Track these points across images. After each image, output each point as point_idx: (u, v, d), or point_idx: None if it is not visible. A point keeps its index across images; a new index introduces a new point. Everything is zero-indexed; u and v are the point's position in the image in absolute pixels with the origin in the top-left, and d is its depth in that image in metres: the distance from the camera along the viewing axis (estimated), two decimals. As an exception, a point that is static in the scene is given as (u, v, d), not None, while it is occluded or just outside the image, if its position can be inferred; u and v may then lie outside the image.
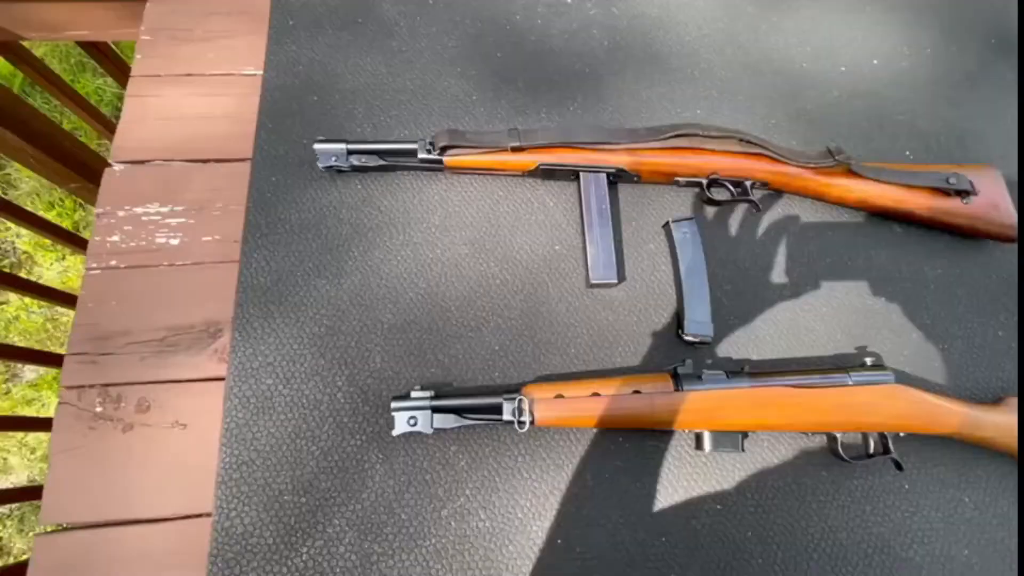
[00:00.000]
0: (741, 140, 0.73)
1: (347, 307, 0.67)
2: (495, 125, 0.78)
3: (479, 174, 0.75)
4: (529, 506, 0.61)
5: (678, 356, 0.67)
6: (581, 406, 0.60)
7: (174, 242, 0.71)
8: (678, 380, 0.61)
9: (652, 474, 0.63)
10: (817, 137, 0.82)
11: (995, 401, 0.65)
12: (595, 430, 0.64)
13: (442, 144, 0.69)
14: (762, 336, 0.70)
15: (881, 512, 0.63)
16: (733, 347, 0.69)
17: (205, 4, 0.87)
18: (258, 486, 0.59)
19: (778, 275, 0.74)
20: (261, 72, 0.80)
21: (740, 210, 0.77)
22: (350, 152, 0.70)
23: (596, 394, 0.60)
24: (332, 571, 0.57)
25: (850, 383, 0.61)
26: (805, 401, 0.61)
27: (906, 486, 0.64)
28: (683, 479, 0.63)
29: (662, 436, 0.64)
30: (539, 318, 0.68)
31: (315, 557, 0.57)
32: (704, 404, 0.60)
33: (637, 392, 0.60)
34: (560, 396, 0.60)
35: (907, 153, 0.83)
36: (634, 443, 0.64)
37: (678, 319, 0.69)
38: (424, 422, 0.60)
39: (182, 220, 0.72)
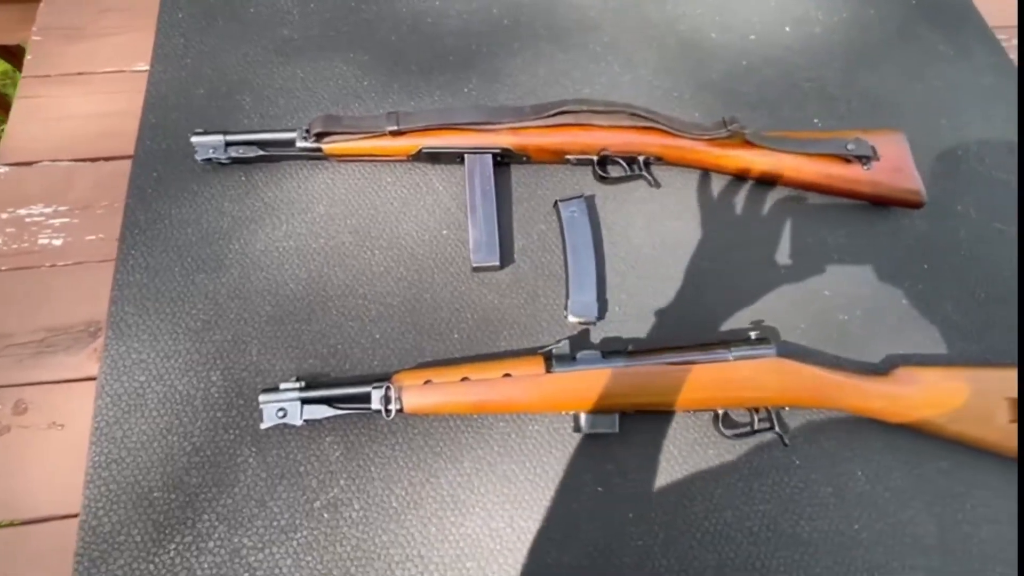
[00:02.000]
0: (631, 114, 0.71)
1: (225, 300, 0.66)
2: (385, 110, 0.76)
3: (364, 161, 0.73)
4: (404, 495, 0.60)
5: (565, 338, 0.66)
6: (451, 392, 0.59)
7: (57, 243, 0.70)
8: (551, 362, 0.60)
9: (532, 458, 0.61)
10: (722, 109, 0.80)
11: (886, 372, 0.63)
12: (476, 416, 0.63)
13: (317, 131, 0.67)
14: (656, 314, 0.68)
15: (769, 489, 0.62)
16: (625, 326, 0.68)
17: (99, 2, 0.86)
18: (127, 484, 0.59)
19: (674, 251, 0.72)
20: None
21: (637, 187, 0.75)
22: (228, 144, 0.69)
23: (466, 379, 0.59)
24: (200, 566, 0.56)
25: (731, 358, 0.60)
26: (682, 379, 0.59)
27: (797, 461, 0.63)
28: (563, 462, 0.61)
29: (542, 419, 0.63)
30: (423, 304, 0.67)
31: (183, 553, 0.56)
32: (574, 385, 0.58)
33: (508, 375, 0.59)
34: (429, 382, 0.59)
35: (815, 121, 0.80)
36: (515, 427, 0.62)
37: (567, 300, 0.67)
38: (294, 414, 0.59)
39: (66, 220, 0.72)
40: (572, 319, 0.66)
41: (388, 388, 0.58)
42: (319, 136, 0.68)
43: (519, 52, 0.82)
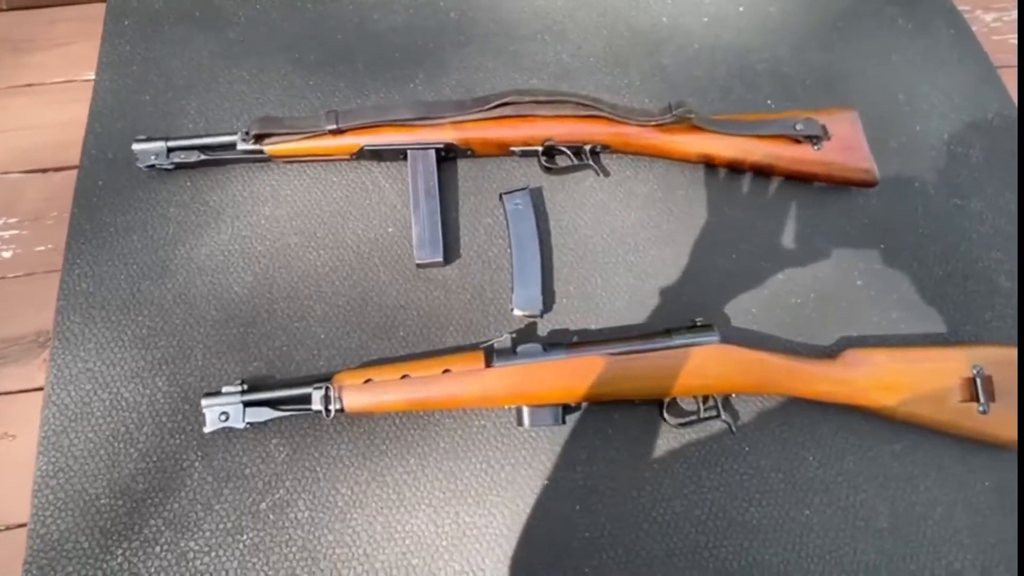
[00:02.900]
0: (575, 103, 0.70)
1: (171, 306, 0.66)
2: (328, 109, 0.75)
3: (309, 162, 0.73)
4: (350, 494, 0.60)
5: (510, 332, 0.65)
6: (391, 390, 0.58)
7: (7, 255, 0.71)
8: (492, 356, 0.59)
9: (477, 453, 0.61)
10: (674, 94, 0.79)
11: (833, 355, 0.61)
12: (422, 413, 0.63)
13: (256, 132, 0.67)
14: (604, 305, 0.68)
15: (718, 476, 0.61)
16: (573, 318, 0.67)
17: (51, 13, 0.86)
18: (75, 492, 0.59)
19: (623, 241, 0.71)
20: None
21: (586, 176, 0.74)
22: (171, 150, 0.69)
23: (406, 376, 0.59)
24: (147, 571, 0.56)
25: (673, 346, 0.59)
26: (623, 369, 0.58)
27: (746, 448, 0.62)
28: (509, 456, 0.61)
29: (488, 414, 0.63)
30: (368, 303, 0.67)
31: (130, 558, 0.57)
32: (514, 379, 0.58)
33: (447, 371, 0.59)
34: (370, 381, 0.59)
35: (769, 102, 0.79)
36: (460, 423, 0.62)
37: (512, 294, 0.67)
38: (236, 417, 0.58)
39: (16, 232, 0.72)
40: (517, 313, 0.65)
41: (328, 388, 0.58)
42: (258, 138, 0.68)
43: (466, 44, 0.81)
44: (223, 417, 0.59)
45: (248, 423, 0.59)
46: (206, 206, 0.71)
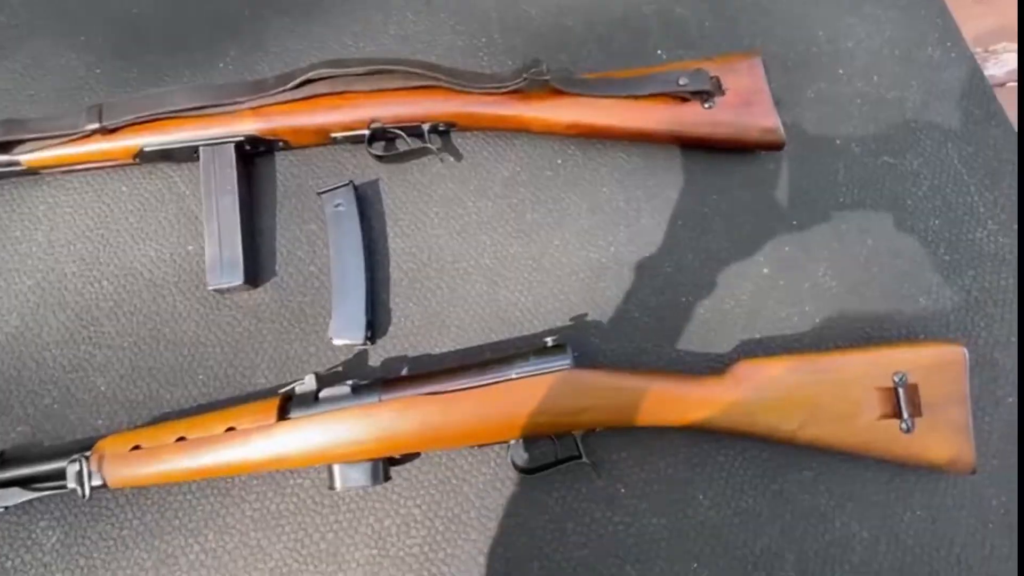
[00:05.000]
0: (404, 72, 0.56)
1: (-84, 364, 0.54)
2: (97, 103, 0.59)
3: (93, 171, 0.59)
4: (134, 584, 0.49)
5: (335, 364, 0.53)
6: (164, 457, 0.46)
7: None
8: (289, 406, 0.48)
9: (291, 522, 0.50)
10: (543, 52, 0.64)
11: (720, 371, 0.49)
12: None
13: (-2, 141, 0.54)
14: (452, 322, 0.55)
15: (587, 529, 0.50)
16: (412, 342, 0.55)
17: None
18: None
19: (476, 239, 0.58)
20: None
21: (432, 163, 0.60)
22: (-96, 169, 0.56)
23: (182, 439, 0.47)
24: None
25: (513, 376, 0.47)
26: (450, 409, 0.46)
27: (622, 490, 0.51)
28: (330, 522, 0.50)
29: (306, 472, 0.51)
30: (161, 342, 0.55)
31: None
32: (313, 434, 0.46)
33: (231, 429, 0.47)
34: (139, 448, 0.47)
35: (659, 52, 0.65)
36: (271, 485, 0.51)
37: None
38: (-19, 501, 0.48)
39: None
40: (337, 342, 0.53)
41: (81, 461, 0.46)
42: (4, 147, 0.55)
43: (289, 10, 0.66)
44: (-35, 503, 0.48)
45: (2, 507, 0.48)
46: (-36, 236, 0.58)
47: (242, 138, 0.56)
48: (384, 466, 0.48)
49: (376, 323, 0.55)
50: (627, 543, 0.49)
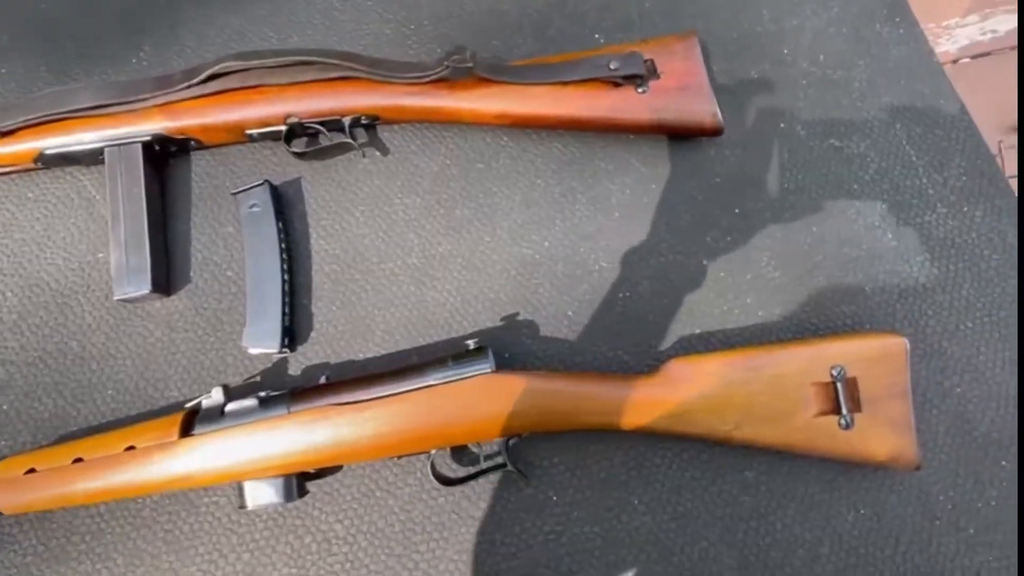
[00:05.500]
0: (320, 64, 0.53)
1: None
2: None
3: (-4, 175, 0.57)
4: (38, 614, 0.46)
5: (252, 374, 0.51)
6: (59, 480, 0.44)
7: None
8: (193, 421, 0.45)
9: (205, 541, 0.47)
10: (475, 40, 0.61)
11: (652, 371, 0.47)
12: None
13: None
14: (377, 326, 0.53)
15: (517, 539, 0.47)
16: (335, 348, 0.52)
17: None
18: None
19: (403, 238, 0.55)
20: None
21: (357, 159, 0.57)
22: None
23: (79, 460, 0.44)
24: None
25: (431, 382, 0.45)
26: (363, 419, 0.44)
27: (553, 497, 0.48)
28: (246, 540, 0.47)
29: (221, 490, 0.48)
30: (68, 356, 0.52)
31: None
32: (217, 450, 0.43)
33: (131, 448, 0.44)
34: (33, 471, 0.44)
35: (597, 36, 0.62)
36: (183, 504, 0.48)
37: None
38: None
39: None
40: (252, 351, 0.50)
41: (-32, 488, 0.44)
42: None
43: (208, 1, 0.63)
44: None
45: None
46: None
47: (149, 137, 0.53)
48: (298, 482, 0.45)
49: (296, 330, 0.52)
50: (559, 553, 0.47)
